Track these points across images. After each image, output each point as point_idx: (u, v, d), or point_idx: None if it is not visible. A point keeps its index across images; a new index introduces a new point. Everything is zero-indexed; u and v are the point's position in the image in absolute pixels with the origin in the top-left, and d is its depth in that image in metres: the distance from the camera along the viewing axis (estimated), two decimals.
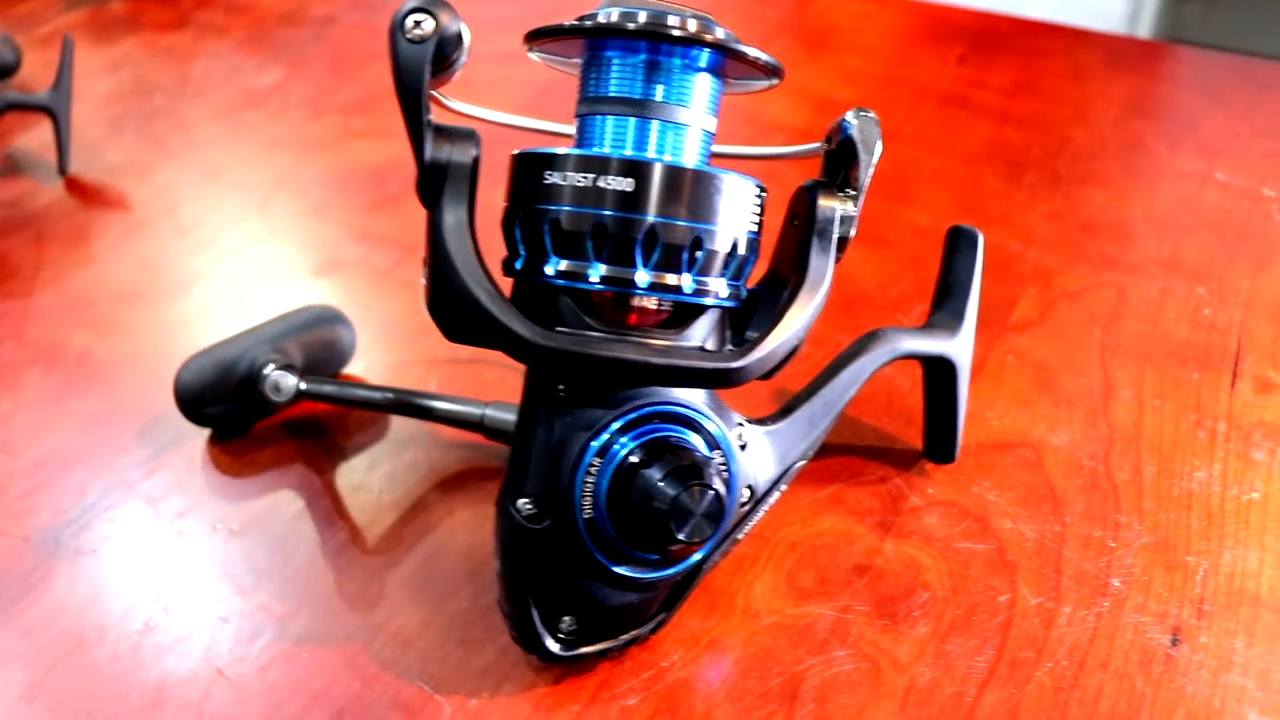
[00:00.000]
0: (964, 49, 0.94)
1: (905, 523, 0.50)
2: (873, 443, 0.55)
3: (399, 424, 0.55)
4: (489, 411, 0.52)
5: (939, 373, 0.51)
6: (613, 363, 0.38)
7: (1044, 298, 0.64)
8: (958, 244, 0.52)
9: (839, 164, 0.43)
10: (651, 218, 0.38)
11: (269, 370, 0.51)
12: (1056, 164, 0.77)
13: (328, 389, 0.52)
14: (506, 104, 0.84)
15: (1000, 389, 0.58)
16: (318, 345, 0.56)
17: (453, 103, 0.43)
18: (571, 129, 0.42)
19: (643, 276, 0.38)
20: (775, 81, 0.42)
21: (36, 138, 0.81)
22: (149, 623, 0.46)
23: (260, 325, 0.56)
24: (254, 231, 0.71)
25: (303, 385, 0.52)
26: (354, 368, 0.59)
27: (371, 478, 0.53)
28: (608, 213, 0.38)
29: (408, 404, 0.52)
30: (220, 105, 0.87)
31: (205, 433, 0.55)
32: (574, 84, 0.42)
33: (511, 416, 0.50)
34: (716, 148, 0.43)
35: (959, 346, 0.50)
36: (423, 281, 0.40)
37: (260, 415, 0.55)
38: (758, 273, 0.44)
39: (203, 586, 0.47)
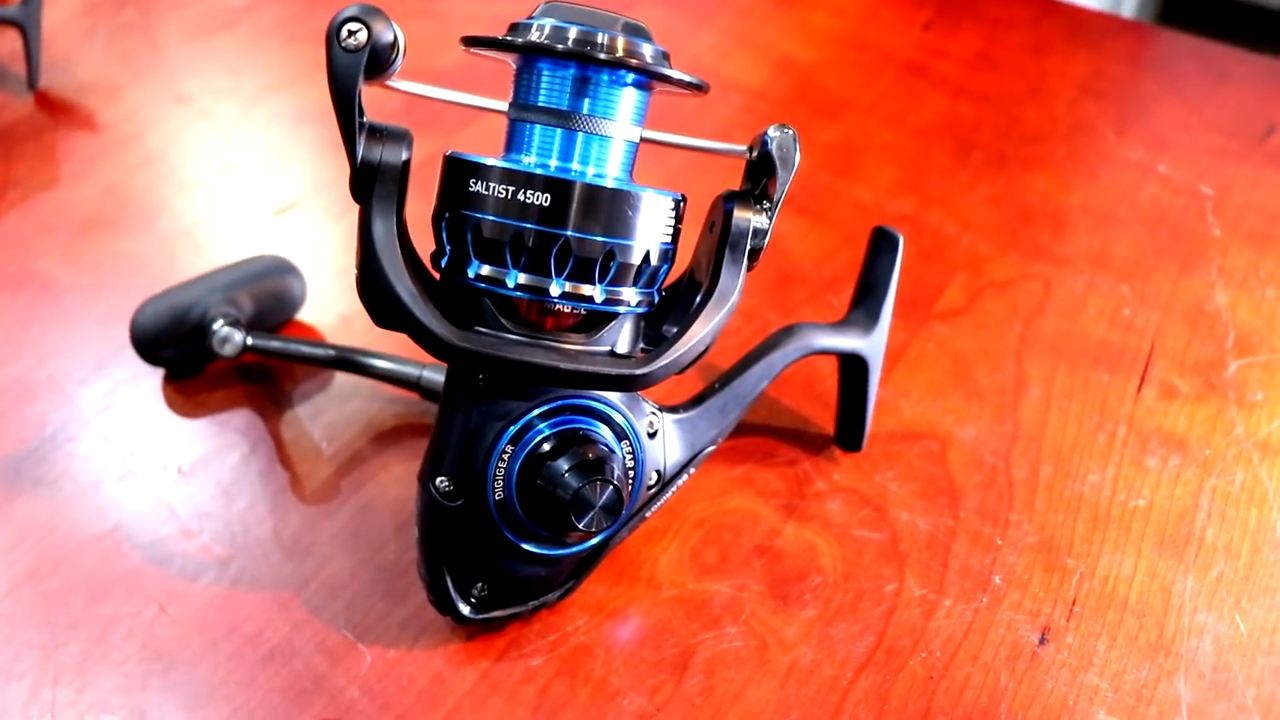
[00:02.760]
0: (931, 13, 0.96)
1: (808, 507, 0.54)
2: (788, 424, 0.59)
3: (342, 376, 0.59)
4: (425, 373, 0.55)
5: (852, 368, 0.55)
6: (523, 365, 0.41)
7: (972, 286, 0.68)
8: (880, 245, 0.55)
9: (759, 174, 0.46)
10: (568, 232, 0.41)
11: (218, 326, 0.55)
12: (1005, 144, 0.80)
13: (273, 345, 0.56)
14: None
15: (917, 377, 0.61)
16: (268, 296, 0.60)
17: (395, 82, 0.45)
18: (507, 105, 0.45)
19: (556, 288, 0.41)
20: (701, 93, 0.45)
21: (5, 46, 0.82)
22: (100, 556, 0.50)
23: (214, 272, 0.59)
24: (217, 165, 0.74)
25: (249, 340, 0.55)
26: (304, 315, 0.63)
27: (313, 427, 0.57)
28: (527, 225, 0.41)
29: (349, 361, 0.56)
30: (191, 24, 0.88)
31: (160, 370, 0.59)
32: None
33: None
34: (646, 133, 0.46)
35: (872, 345, 0.54)
36: (354, 270, 0.43)
37: (213, 357, 0.58)
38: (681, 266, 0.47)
39: (151, 524, 0.51)
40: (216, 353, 0.55)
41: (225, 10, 0.90)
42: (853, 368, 0.55)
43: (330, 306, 0.63)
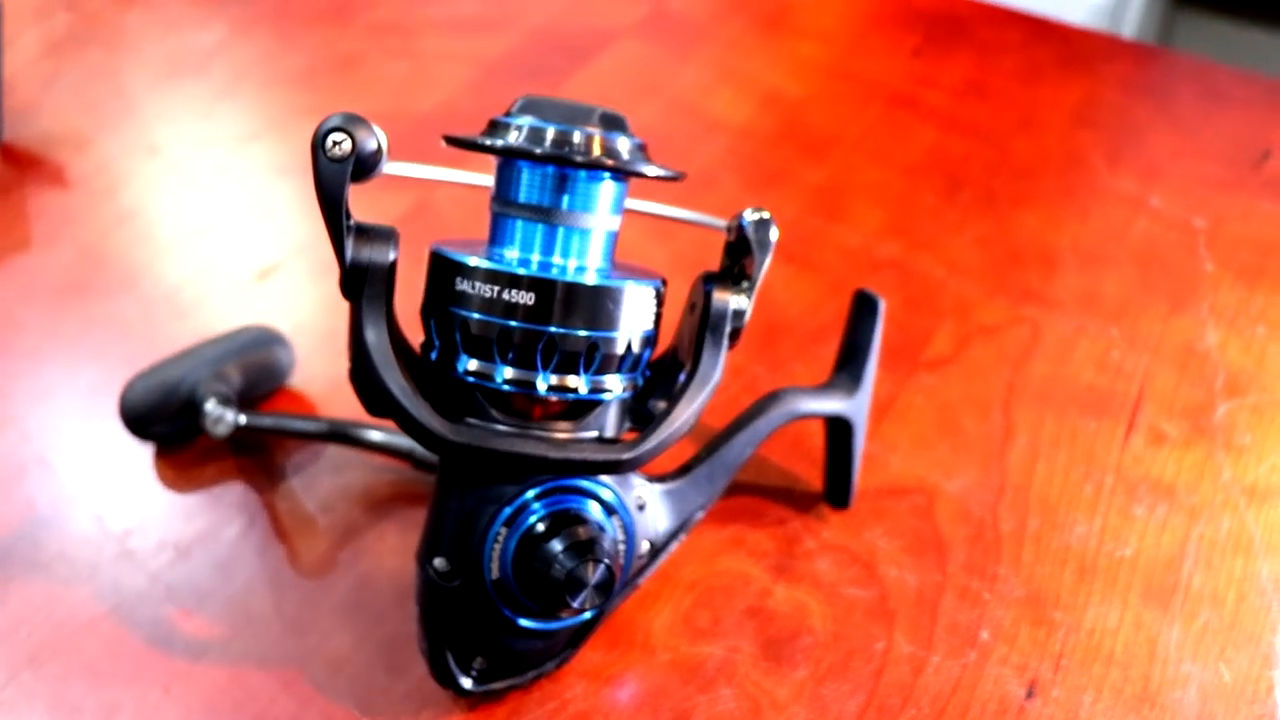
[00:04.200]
0: (920, 39, 1.02)
1: (798, 566, 0.60)
2: (776, 482, 0.65)
3: (335, 446, 0.65)
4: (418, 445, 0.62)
5: (838, 430, 0.61)
6: (514, 457, 0.48)
7: (960, 333, 0.74)
8: (862, 309, 0.61)
9: (737, 253, 0.53)
10: (552, 329, 0.47)
11: (210, 406, 0.61)
12: (994, 180, 0.86)
13: (266, 422, 0.62)
14: (452, 83, 0.93)
15: (905, 430, 0.68)
16: (257, 368, 0.66)
17: (386, 168, 0.51)
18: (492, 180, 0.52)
19: (542, 384, 0.48)
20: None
21: None
22: (100, 639, 0.55)
23: (201, 345, 0.65)
24: (195, 223, 0.80)
25: (242, 419, 0.61)
26: (294, 381, 0.69)
27: (308, 499, 0.63)
28: (512, 324, 0.47)
29: (342, 434, 0.62)
30: (160, 65, 0.94)
31: (150, 445, 0.64)
32: (516, 70, 0.50)
33: None
34: (629, 203, 0.53)
35: (856, 407, 0.60)
36: (346, 363, 0.49)
37: (204, 431, 0.64)
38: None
39: (150, 605, 0.57)
40: (209, 432, 0.61)
41: (196, 51, 0.96)
42: (839, 429, 0.61)
43: (319, 372, 0.69)
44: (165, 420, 0.63)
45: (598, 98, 0.52)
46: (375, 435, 0.62)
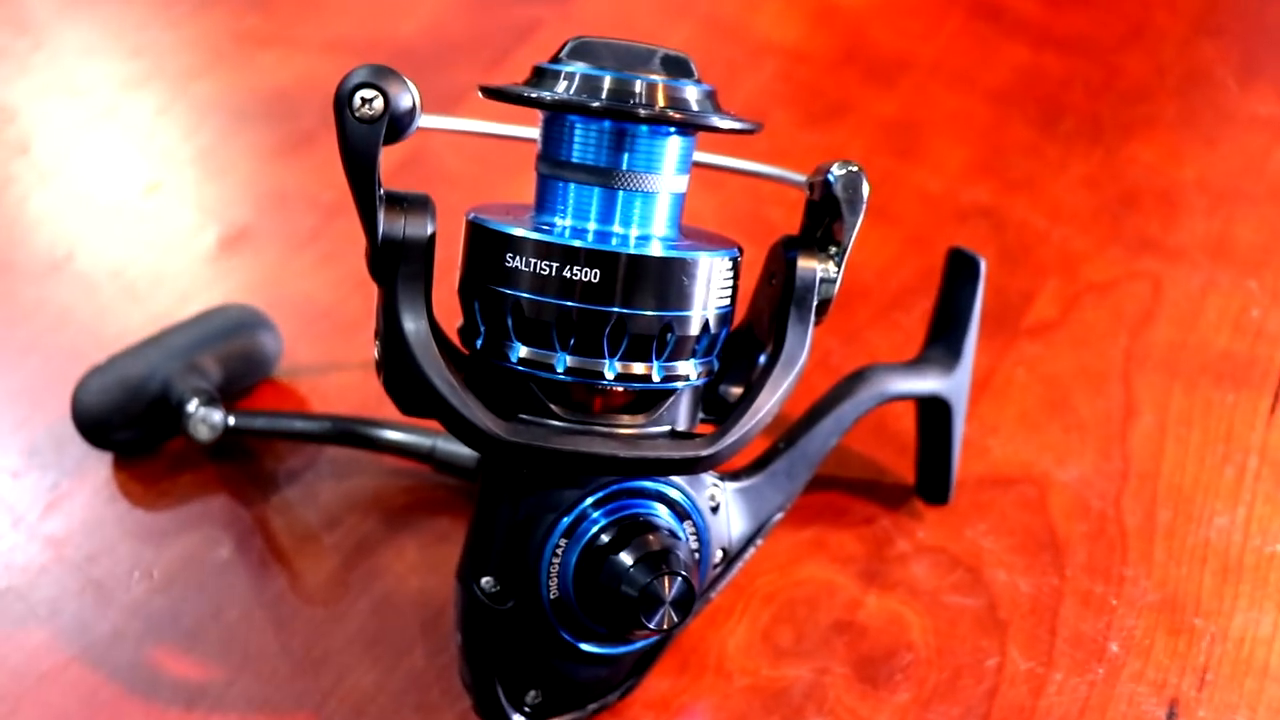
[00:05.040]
0: None
1: (891, 572, 0.66)
2: (860, 474, 0.70)
3: (336, 447, 0.69)
4: (440, 443, 0.67)
5: (933, 412, 0.67)
6: (580, 457, 0.52)
7: (1066, 292, 0.79)
8: (958, 272, 0.67)
9: (820, 214, 0.57)
10: (617, 309, 0.52)
11: (193, 406, 0.65)
12: (1100, 106, 0.91)
13: (258, 423, 0.67)
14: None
15: (1006, 410, 0.73)
16: (238, 357, 0.70)
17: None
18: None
19: (609, 372, 0.52)
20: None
21: None
22: (67, 689, 0.59)
23: (169, 332, 0.70)
24: (136, 182, 0.84)
25: (231, 420, 0.65)
26: (276, 372, 0.73)
27: (308, 512, 0.67)
28: (571, 304, 0.51)
29: (350, 434, 0.67)
30: None
31: (108, 453, 0.69)
32: None
33: (464, 449, 0.64)
34: (695, 155, 0.57)
35: (955, 386, 0.66)
36: (375, 355, 0.53)
37: (171, 433, 0.69)
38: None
39: (127, 647, 0.61)
40: (194, 438, 0.65)
41: None
42: (934, 411, 0.66)
43: (306, 359, 0.74)
44: (130, 424, 0.67)
45: (615, 19, 0.54)
46: (391, 434, 0.67)
